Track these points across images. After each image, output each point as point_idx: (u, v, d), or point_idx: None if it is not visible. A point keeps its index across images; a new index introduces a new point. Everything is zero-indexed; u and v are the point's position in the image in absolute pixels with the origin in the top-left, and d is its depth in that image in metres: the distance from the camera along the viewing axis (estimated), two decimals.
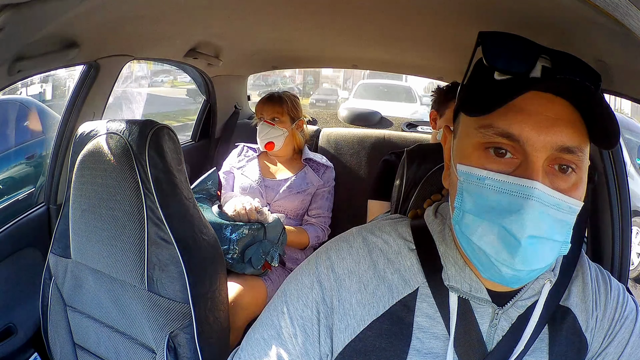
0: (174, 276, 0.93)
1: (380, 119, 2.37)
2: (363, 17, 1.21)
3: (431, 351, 0.55)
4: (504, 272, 0.48)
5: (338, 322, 0.57)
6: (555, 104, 0.48)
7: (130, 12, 1.11)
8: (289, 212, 1.67)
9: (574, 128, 0.47)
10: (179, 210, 0.96)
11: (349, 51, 1.88)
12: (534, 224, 0.46)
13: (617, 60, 0.74)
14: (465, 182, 0.51)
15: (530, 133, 0.47)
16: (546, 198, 0.46)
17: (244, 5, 1.18)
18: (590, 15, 0.64)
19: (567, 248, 0.50)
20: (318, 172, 1.74)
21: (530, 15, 0.81)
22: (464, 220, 0.51)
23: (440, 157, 0.64)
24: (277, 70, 2.60)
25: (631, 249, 1.03)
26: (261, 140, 1.70)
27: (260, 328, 0.60)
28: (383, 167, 1.50)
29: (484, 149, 0.50)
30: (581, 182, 0.50)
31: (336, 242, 0.62)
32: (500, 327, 0.56)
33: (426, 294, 0.57)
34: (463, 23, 1.04)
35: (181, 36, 1.51)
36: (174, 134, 0.98)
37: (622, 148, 1.02)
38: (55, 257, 1.10)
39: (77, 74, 1.34)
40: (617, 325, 0.59)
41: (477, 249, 0.50)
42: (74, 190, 1.02)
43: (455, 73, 1.79)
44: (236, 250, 1.33)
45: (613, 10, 0.57)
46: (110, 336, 1.02)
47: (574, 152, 0.48)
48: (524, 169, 0.47)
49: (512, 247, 0.47)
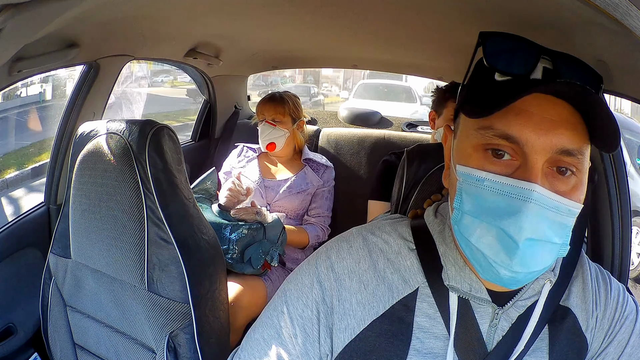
0: (174, 276, 0.93)
1: (380, 119, 2.37)
2: (363, 17, 1.21)
3: (431, 351, 0.55)
4: (502, 274, 0.48)
5: (338, 322, 0.57)
6: (556, 106, 0.47)
7: (130, 12, 1.11)
8: (289, 212, 1.67)
9: (575, 130, 0.47)
10: (179, 210, 0.96)
11: (349, 51, 1.88)
12: (532, 226, 0.46)
13: (617, 60, 0.74)
14: (464, 183, 0.51)
15: (530, 135, 0.47)
16: (545, 200, 0.46)
17: (244, 5, 1.18)
18: (590, 15, 0.64)
19: (566, 250, 0.50)
20: (318, 172, 1.74)
21: (530, 16, 0.81)
22: (463, 221, 0.51)
23: (440, 157, 0.64)
24: (277, 70, 2.60)
25: (631, 249, 1.03)
26: (263, 141, 1.70)
27: (260, 328, 0.60)
28: (383, 167, 1.50)
29: (483, 150, 0.50)
30: (581, 185, 0.50)
31: (336, 242, 0.62)
32: (500, 327, 0.56)
33: (426, 294, 0.57)
34: (463, 23, 1.04)
35: (181, 36, 1.51)
36: (174, 134, 0.98)
37: (622, 148, 1.01)
38: (55, 257, 1.10)
39: (77, 74, 1.34)
40: (617, 325, 0.59)
41: (475, 250, 0.50)
42: (74, 190, 1.02)
43: (455, 73, 1.79)
44: (236, 250, 1.33)
45: (613, 10, 0.57)
46: (110, 336, 1.02)
47: (573, 155, 0.47)
48: (523, 171, 0.47)
49: (510, 249, 0.46)
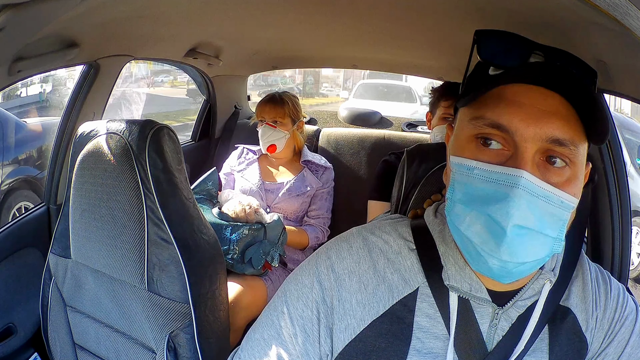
0: (174, 276, 0.93)
1: (380, 119, 2.37)
2: (363, 17, 1.21)
3: (431, 351, 0.55)
4: (491, 264, 0.48)
5: (338, 322, 0.57)
6: (548, 98, 0.48)
7: (130, 12, 1.11)
8: (289, 214, 1.67)
9: (566, 121, 0.47)
10: (179, 210, 0.96)
11: (349, 51, 1.88)
12: (520, 213, 0.46)
13: (617, 60, 0.74)
14: (457, 173, 0.51)
15: (519, 124, 0.47)
16: (534, 188, 0.46)
17: (244, 5, 1.18)
18: (590, 15, 0.64)
19: (560, 245, 0.50)
20: (317, 174, 1.74)
21: (530, 15, 0.81)
22: (454, 210, 0.51)
23: (440, 157, 0.64)
24: (277, 70, 2.60)
25: (631, 249, 1.03)
26: (264, 143, 1.70)
27: (260, 328, 0.60)
28: (383, 167, 1.50)
29: (475, 140, 0.50)
30: (576, 179, 0.50)
31: (336, 242, 0.62)
32: (500, 327, 0.56)
33: (426, 294, 0.57)
34: (463, 23, 1.04)
35: (181, 36, 1.51)
36: (174, 134, 0.98)
37: (622, 148, 1.01)
38: (55, 257, 1.10)
39: (77, 74, 1.34)
40: (617, 325, 0.59)
41: (465, 239, 0.50)
42: (74, 190, 1.02)
43: (455, 73, 1.79)
44: (236, 250, 1.33)
45: (613, 10, 0.57)
46: (110, 336, 1.02)
47: (565, 145, 0.47)
48: (513, 160, 0.48)
49: (497, 236, 0.46)
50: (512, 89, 0.49)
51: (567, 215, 0.49)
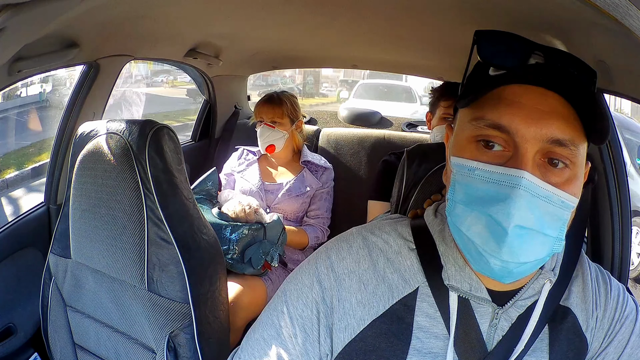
0: (174, 276, 0.93)
1: (380, 119, 2.37)
2: (363, 17, 1.21)
3: (431, 351, 0.55)
4: (492, 264, 0.48)
5: (338, 322, 0.57)
6: (548, 98, 0.48)
7: (130, 12, 1.11)
8: (289, 214, 1.67)
9: (566, 121, 0.48)
10: (179, 210, 0.96)
11: (349, 51, 1.88)
12: (521, 213, 0.46)
13: (617, 60, 0.74)
14: (457, 174, 0.51)
15: (519, 125, 0.47)
16: (535, 188, 0.47)
17: (244, 5, 1.18)
18: (590, 15, 0.64)
19: (560, 245, 0.50)
20: (316, 174, 1.74)
21: (530, 16, 0.81)
22: (455, 211, 0.51)
23: (440, 157, 0.64)
24: (277, 70, 2.60)
25: (631, 249, 1.03)
26: (262, 143, 1.70)
27: (260, 328, 0.60)
28: (383, 167, 1.50)
29: (475, 141, 0.51)
30: (576, 179, 0.50)
31: (336, 242, 0.62)
32: (500, 327, 0.56)
33: (426, 294, 0.57)
34: (463, 23, 1.04)
35: (181, 36, 1.51)
36: (174, 134, 0.98)
37: (622, 148, 1.01)
38: (55, 257, 1.10)
39: (77, 74, 1.34)
40: (617, 325, 0.59)
41: (466, 239, 0.50)
42: (74, 190, 1.02)
43: (455, 73, 1.79)
44: (236, 250, 1.33)
45: (613, 10, 0.57)
46: (110, 336, 1.02)
47: (565, 146, 0.48)
48: (514, 161, 0.48)
49: (498, 236, 0.47)
50: (512, 90, 0.49)
51: (567, 215, 0.50)
